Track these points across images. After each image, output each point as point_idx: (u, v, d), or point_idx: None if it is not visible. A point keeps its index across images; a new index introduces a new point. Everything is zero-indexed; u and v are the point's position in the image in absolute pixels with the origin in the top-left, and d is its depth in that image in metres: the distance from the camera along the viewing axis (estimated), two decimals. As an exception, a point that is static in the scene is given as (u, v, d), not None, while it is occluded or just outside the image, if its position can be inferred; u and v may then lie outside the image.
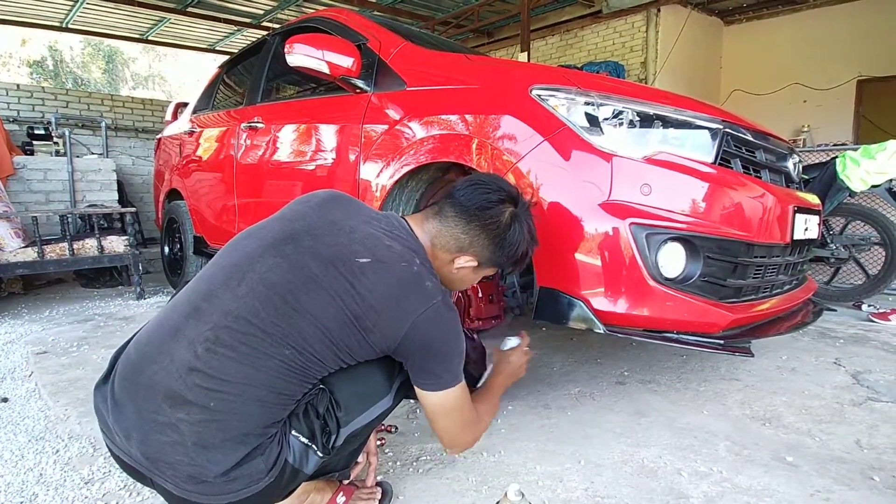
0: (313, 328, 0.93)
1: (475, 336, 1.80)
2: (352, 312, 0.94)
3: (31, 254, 3.30)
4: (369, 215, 1.09)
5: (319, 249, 0.98)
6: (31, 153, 4.90)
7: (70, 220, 4.09)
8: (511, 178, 1.57)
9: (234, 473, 0.89)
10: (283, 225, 1.04)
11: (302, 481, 1.00)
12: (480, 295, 1.78)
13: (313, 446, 0.97)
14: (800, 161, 2.13)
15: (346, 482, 1.21)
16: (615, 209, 1.43)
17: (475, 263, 1.14)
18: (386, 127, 1.94)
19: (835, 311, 3.19)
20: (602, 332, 1.45)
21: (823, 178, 3.16)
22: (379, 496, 1.22)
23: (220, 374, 0.89)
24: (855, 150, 3.14)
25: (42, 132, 5.12)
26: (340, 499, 1.17)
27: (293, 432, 0.96)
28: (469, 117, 1.71)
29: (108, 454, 1.22)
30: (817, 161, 3.55)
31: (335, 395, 1.00)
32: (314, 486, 1.14)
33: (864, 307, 3.25)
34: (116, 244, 3.64)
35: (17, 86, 5.94)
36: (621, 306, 1.44)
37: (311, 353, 0.93)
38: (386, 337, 0.97)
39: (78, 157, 4.76)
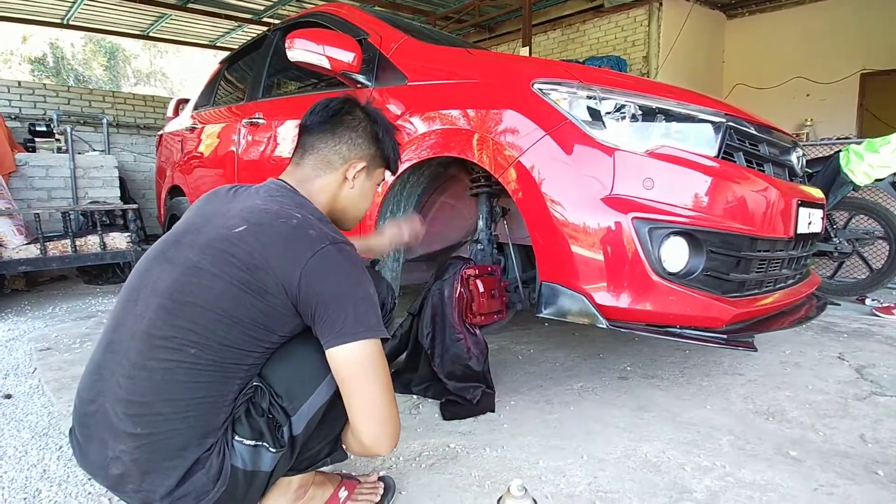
0: (209, 314, 0.90)
1: (477, 331, 1.80)
2: (239, 281, 0.91)
3: (33, 251, 3.30)
4: (249, 192, 1.07)
5: (197, 240, 0.96)
6: (33, 150, 4.90)
7: (72, 216, 4.08)
8: (513, 173, 1.56)
9: (179, 492, 0.89)
10: (168, 235, 1.04)
11: (265, 480, 0.97)
12: (482, 290, 1.77)
13: (263, 444, 0.94)
14: (803, 155, 2.12)
15: (344, 472, 1.20)
16: (617, 203, 1.43)
17: (363, 164, 1.15)
18: (387, 122, 1.93)
19: (838, 305, 3.17)
20: (604, 327, 1.45)
21: (827, 173, 3.14)
22: (381, 491, 1.22)
23: (139, 398, 0.89)
24: (859, 143, 3.13)
25: (44, 129, 5.12)
26: (342, 493, 1.17)
27: (236, 438, 0.93)
28: (470, 112, 1.70)
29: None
30: (821, 155, 3.53)
31: (273, 387, 0.96)
32: (314, 480, 1.14)
33: (868, 301, 3.24)
34: (119, 241, 3.65)
35: (19, 83, 5.94)
36: (624, 301, 1.44)
37: (217, 342, 0.90)
38: (282, 293, 0.92)
39: (80, 153, 4.75)
